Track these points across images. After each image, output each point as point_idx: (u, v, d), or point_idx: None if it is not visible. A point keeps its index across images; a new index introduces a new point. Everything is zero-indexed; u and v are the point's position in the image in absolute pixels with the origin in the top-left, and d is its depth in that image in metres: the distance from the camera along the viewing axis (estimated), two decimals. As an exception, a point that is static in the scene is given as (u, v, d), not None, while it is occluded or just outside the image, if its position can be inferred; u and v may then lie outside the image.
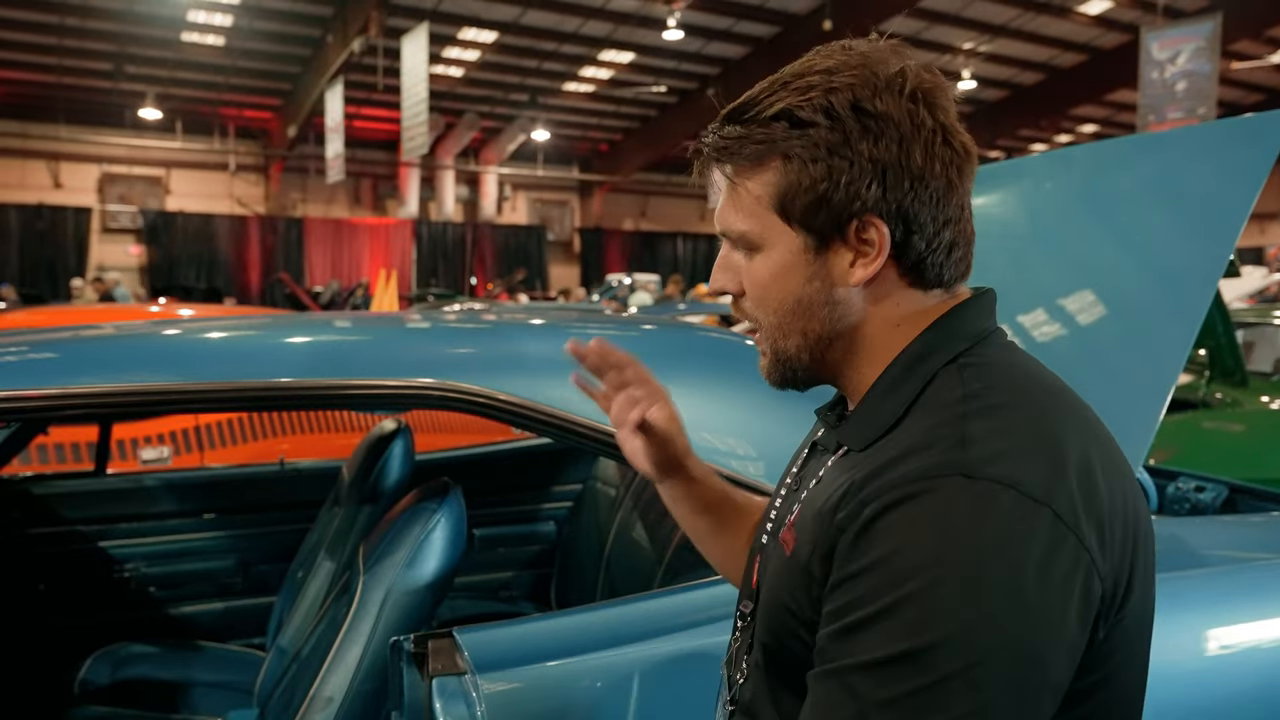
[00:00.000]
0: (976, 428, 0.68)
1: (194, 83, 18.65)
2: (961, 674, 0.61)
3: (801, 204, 0.76)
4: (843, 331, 0.79)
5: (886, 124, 0.74)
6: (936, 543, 0.63)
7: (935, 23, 17.19)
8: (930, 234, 0.75)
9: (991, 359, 0.76)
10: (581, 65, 19.19)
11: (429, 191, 22.88)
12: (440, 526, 1.46)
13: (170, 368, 1.24)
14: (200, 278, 19.99)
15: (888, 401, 0.77)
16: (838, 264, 0.77)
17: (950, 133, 0.76)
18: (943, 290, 0.78)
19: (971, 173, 0.77)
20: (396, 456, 2.08)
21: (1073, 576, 0.65)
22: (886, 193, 0.74)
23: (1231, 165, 1.78)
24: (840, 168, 0.74)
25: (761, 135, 0.76)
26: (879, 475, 0.69)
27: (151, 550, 2.40)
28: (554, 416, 1.33)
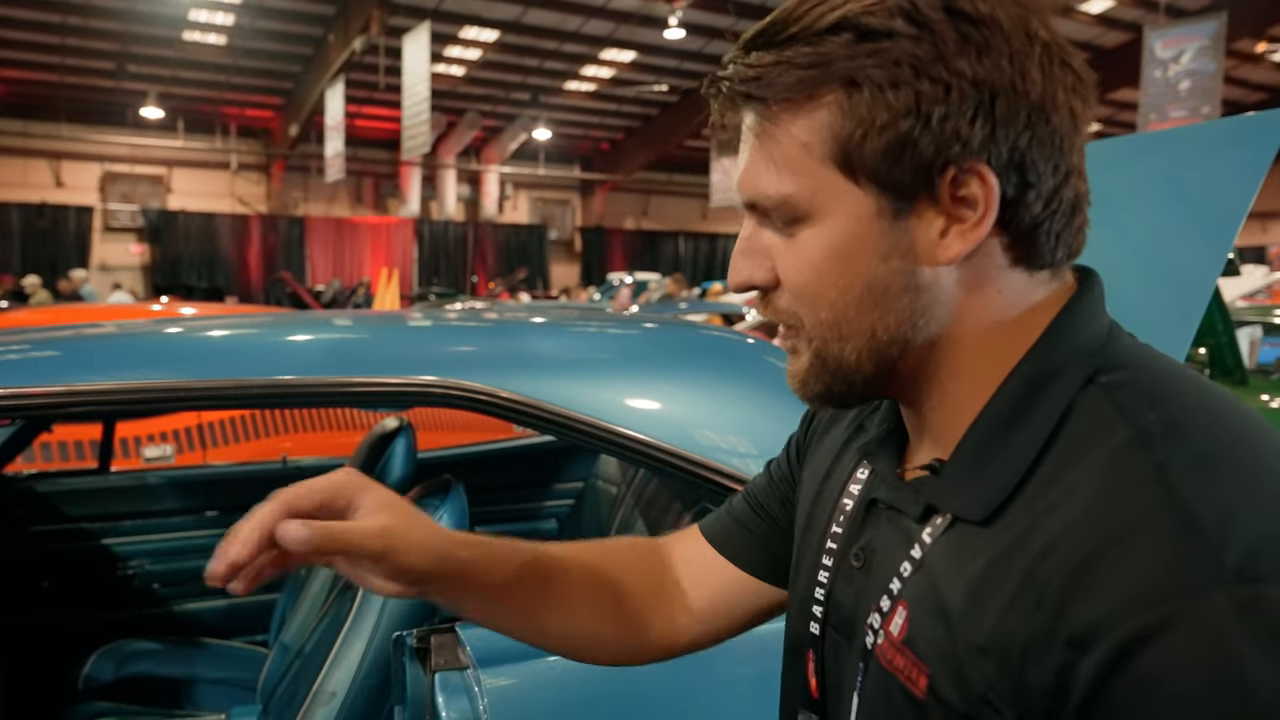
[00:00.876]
0: (1195, 496, 0.46)
1: (196, 82, 18.68)
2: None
3: (875, 149, 0.54)
4: (923, 330, 0.58)
5: (994, 33, 0.53)
6: (1219, 704, 0.43)
7: (937, 21, 17.21)
8: (1049, 189, 0.55)
9: (1144, 373, 0.55)
10: (583, 64, 19.20)
11: (430, 190, 22.91)
12: (443, 522, 1.47)
13: (176, 366, 1.25)
14: (202, 277, 20.01)
15: (1005, 447, 0.55)
16: (923, 234, 0.56)
17: (1066, 53, 0.56)
18: (1050, 273, 0.58)
19: (1094, 107, 0.57)
20: (399, 454, 2.08)
21: None
22: (996, 129, 0.53)
23: (1230, 164, 1.78)
24: (933, 95, 0.52)
25: (811, 57, 0.54)
26: (1076, 593, 0.47)
27: (155, 548, 2.41)
28: (554, 413, 1.33)
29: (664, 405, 1.46)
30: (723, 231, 27.47)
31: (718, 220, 27.08)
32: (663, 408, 1.46)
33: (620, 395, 1.44)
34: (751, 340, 1.89)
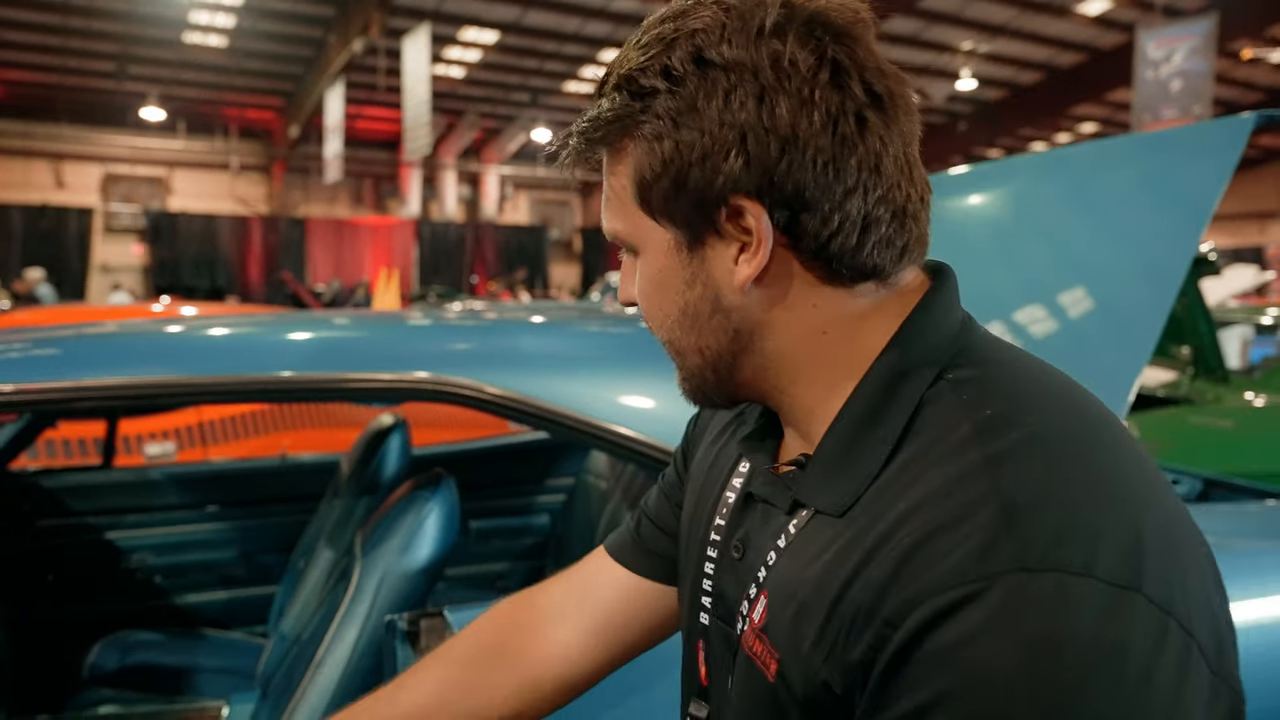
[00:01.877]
0: (1016, 487, 0.51)
1: (196, 83, 18.75)
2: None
3: (659, 192, 0.60)
4: (749, 344, 0.63)
5: (740, 74, 0.57)
6: (1015, 678, 0.46)
7: (934, 23, 17.25)
8: (826, 210, 0.57)
9: (990, 369, 0.59)
10: (582, 65, 19.26)
11: (430, 191, 22.98)
12: (434, 514, 1.53)
13: (176, 362, 1.31)
14: (203, 277, 20.06)
15: (862, 446, 0.59)
16: (718, 263, 0.61)
17: (845, 72, 0.57)
18: (877, 283, 0.61)
19: (895, 119, 0.59)
20: (394, 450, 2.15)
21: (1188, 674, 0.49)
22: (750, 163, 0.57)
23: (1197, 168, 1.85)
24: (690, 141, 0.57)
25: (610, 113, 0.61)
26: (900, 576, 0.51)
27: (157, 541, 2.47)
28: (541, 409, 1.39)
29: (657, 402, 1.51)
30: (722, 232, 27.50)
31: (717, 221, 27.14)
32: (655, 405, 1.51)
33: (612, 392, 1.50)
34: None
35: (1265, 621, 1.52)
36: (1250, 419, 3.72)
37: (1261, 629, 1.51)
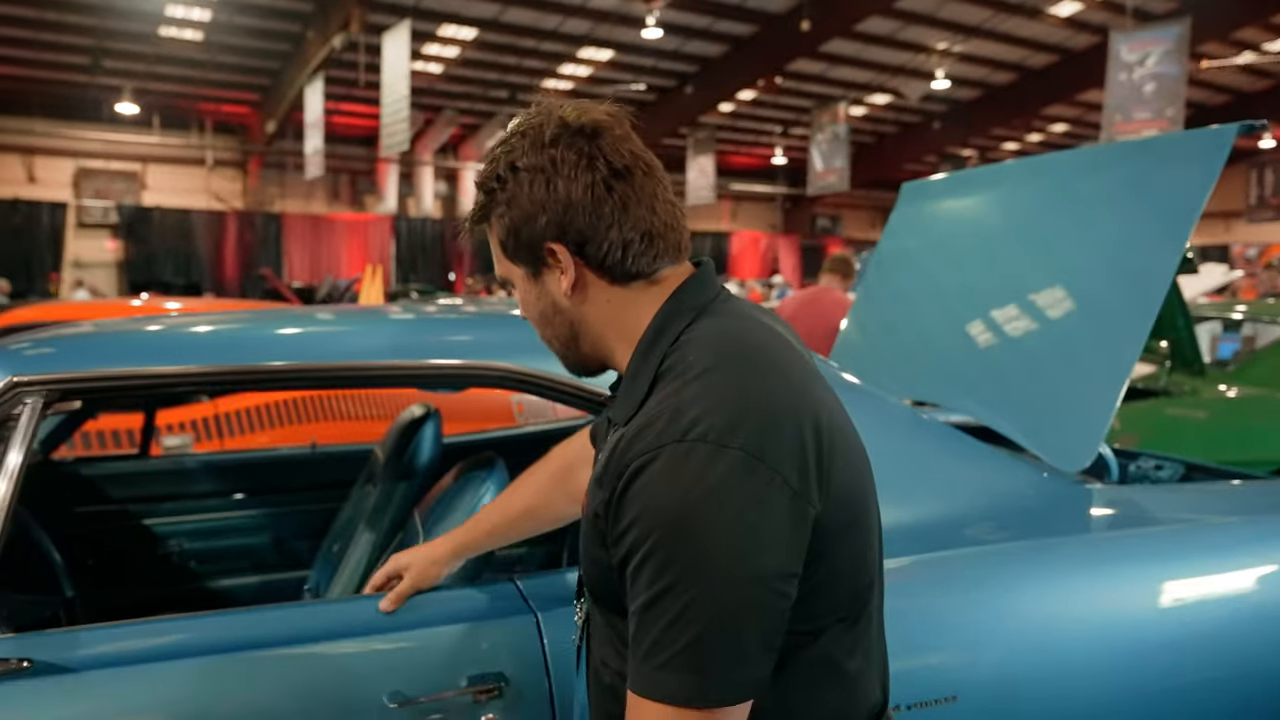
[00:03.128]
0: (686, 397, 0.87)
1: (172, 77, 18.59)
2: (697, 601, 0.81)
3: (511, 246, 0.98)
4: (580, 331, 1.00)
5: (534, 173, 0.94)
6: (663, 501, 0.83)
7: (910, 23, 17.47)
8: (600, 240, 0.94)
9: (700, 332, 0.94)
10: (561, 63, 19.32)
11: (408, 187, 22.93)
12: (490, 492, 1.65)
13: (270, 351, 1.42)
14: (178, 273, 19.92)
15: (634, 384, 0.95)
16: (551, 283, 0.98)
17: (596, 157, 0.94)
18: (646, 280, 0.97)
19: (634, 178, 0.96)
20: (428, 438, 2.25)
21: (769, 496, 0.83)
22: (550, 221, 0.94)
23: (1183, 174, 1.99)
24: (518, 215, 0.95)
25: (480, 201, 0.99)
26: (628, 449, 0.87)
27: (192, 528, 2.56)
28: (593, 394, 1.52)
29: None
30: (699, 229, 27.67)
31: (694, 218, 27.27)
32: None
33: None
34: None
35: (1237, 588, 1.67)
36: (1224, 410, 3.91)
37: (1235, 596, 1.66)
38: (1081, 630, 1.50)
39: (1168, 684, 1.55)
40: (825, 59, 18.91)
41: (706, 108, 20.55)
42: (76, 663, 1.21)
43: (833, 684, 0.94)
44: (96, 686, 1.21)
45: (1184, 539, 1.73)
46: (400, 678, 1.26)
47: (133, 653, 1.25)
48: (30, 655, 1.21)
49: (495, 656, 1.31)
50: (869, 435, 1.69)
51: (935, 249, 2.61)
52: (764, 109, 22.81)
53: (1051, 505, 1.72)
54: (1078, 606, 1.53)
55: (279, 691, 1.25)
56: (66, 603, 2.08)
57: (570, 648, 1.34)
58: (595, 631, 1.02)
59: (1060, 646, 1.49)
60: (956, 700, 1.43)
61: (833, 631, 0.93)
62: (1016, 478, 1.74)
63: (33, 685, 1.19)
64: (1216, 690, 1.59)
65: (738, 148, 25.71)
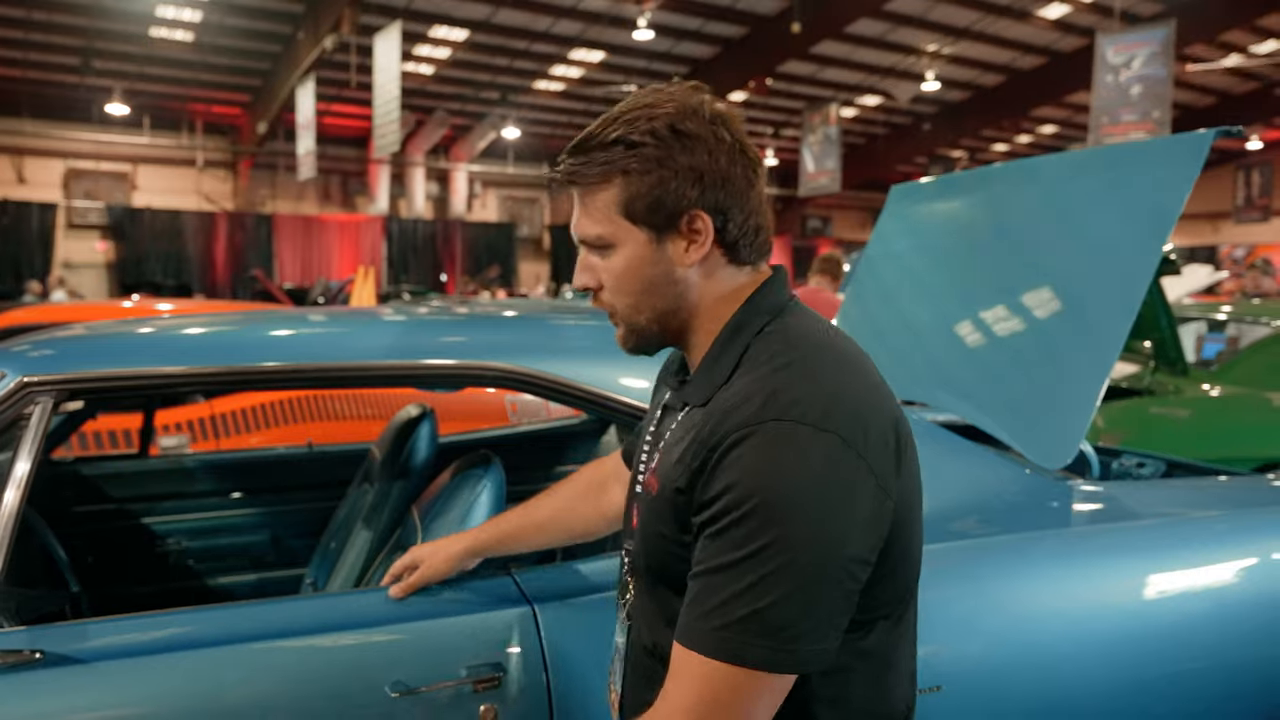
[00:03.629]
0: (780, 381, 0.92)
1: (162, 78, 18.57)
2: (782, 569, 0.85)
3: (642, 206, 0.98)
4: (682, 304, 1.02)
5: (697, 140, 0.97)
6: (762, 471, 0.87)
7: (900, 25, 17.56)
8: (740, 220, 0.99)
9: (787, 327, 0.99)
10: (552, 64, 19.35)
11: (399, 188, 22.92)
12: (486, 490, 1.69)
13: (271, 352, 1.46)
14: (168, 274, 19.88)
15: (717, 366, 0.99)
16: (675, 250, 1.00)
17: (744, 146, 1.00)
18: (751, 268, 1.03)
19: (762, 175, 1.02)
20: (423, 438, 2.29)
21: (856, 480, 0.89)
22: (705, 191, 0.97)
23: (1162, 178, 2.03)
24: (668, 176, 0.96)
25: (604, 158, 0.98)
26: (721, 424, 0.92)
27: (190, 526, 2.59)
28: (590, 393, 1.56)
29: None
30: (690, 230, 27.71)
31: (685, 219, 27.33)
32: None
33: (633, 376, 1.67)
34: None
35: (1216, 581, 1.72)
36: (1207, 409, 3.97)
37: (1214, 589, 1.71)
38: (1062, 622, 1.55)
39: (1148, 675, 1.59)
40: (815, 60, 18.99)
41: (697, 109, 20.60)
42: (86, 654, 1.25)
43: (879, 676, 0.98)
44: (106, 677, 1.24)
45: (1163, 533, 1.77)
46: (400, 668, 1.30)
47: (140, 644, 1.28)
48: (41, 647, 1.24)
49: (493, 648, 1.34)
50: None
51: (923, 251, 2.65)
52: (755, 110, 22.87)
53: (1033, 501, 1.77)
54: (1058, 599, 1.57)
55: (283, 681, 1.28)
56: (72, 598, 2.11)
57: (567, 638, 1.38)
58: (644, 617, 1.05)
59: (1042, 638, 1.53)
60: (941, 690, 1.47)
61: (883, 625, 0.97)
62: (1000, 474, 1.79)
63: (45, 675, 1.22)
64: (1196, 682, 1.64)
65: (729, 149, 25.74)
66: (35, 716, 1.21)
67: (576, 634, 1.38)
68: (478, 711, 1.30)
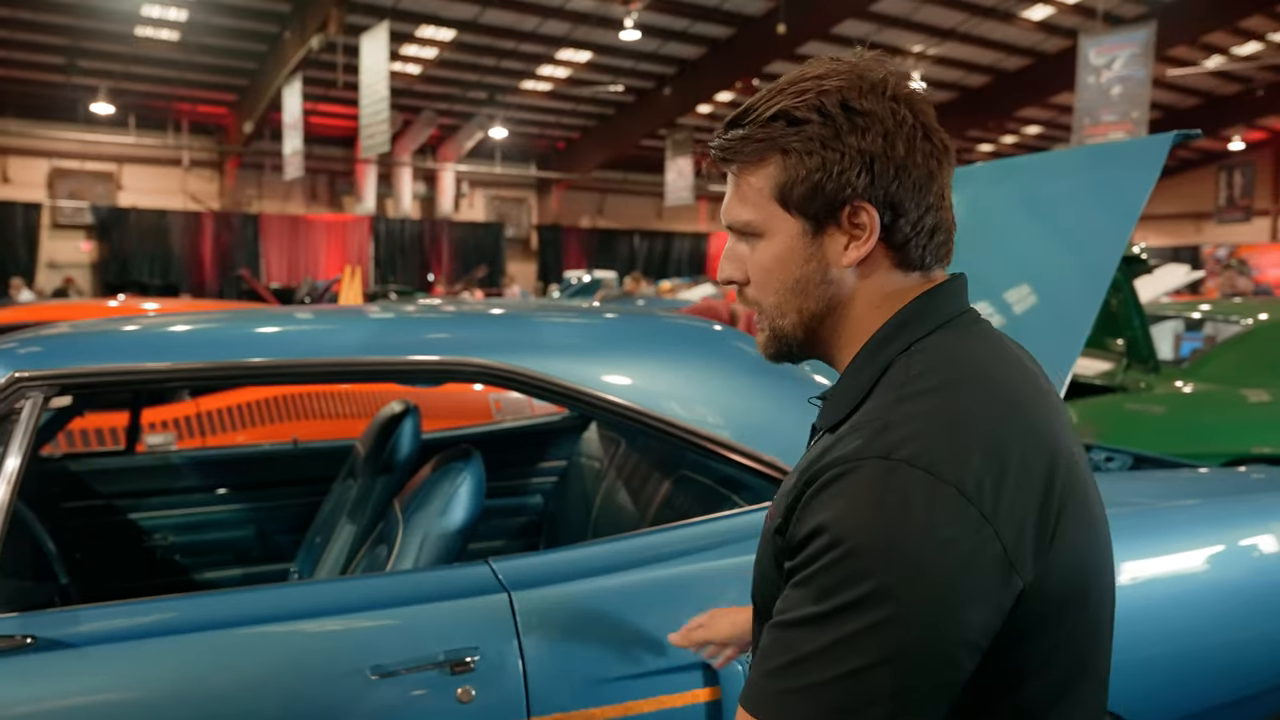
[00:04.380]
0: (901, 413, 0.77)
1: (148, 77, 18.50)
2: (858, 637, 0.71)
3: (799, 192, 0.83)
4: (834, 309, 0.87)
5: (873, 120, 0.82)
6: (854, 518, 0.73)
7: (886, 26, 17.66)
8: (914, 218, 0.83)
9: (938, 346, 0.83)
10: (539, 64, 19.37)
11: (386, 188, 22.91)
12: (466, 483, 1.74)
13: (257, 348, 1.51)
14: (154, 274, 19.82)
15: (852, 387, 0.85)
16: (833, 246, 0.85)
17: (930, 130, 0.84)
18: (921, 274, 0.87)
19: (950, 166, 0.86)
20: (406, 434, 2.34)
21: (975, 548, 0.72)
22: (875, 180, 0.82)
23: (1126, 178, 2.10)
24: (832, 159, 0.82)
25: (761, 134, 0.84)
26: (825, 453, 0.79)
27: (176, 522, 2.63)
28: (568, 388, 1.61)
29: (657, 383, 1.73)
30: (677, 230, 27.79)
31: (672, 219, 27.38)
32: (657, 385, 1.73)
33: (616, 372, 1.72)
34: (719, 327, 2.17)
35: (1181, 568, 1.78)
36: (1178, 405, 4.05)
37: (1179, 575, 1.78)
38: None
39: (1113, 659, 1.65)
40: (802, 61, 19.03)
41: (684, 109, 20.66)
42: (77, 639, 1.30)
43: None
44: (96, 661, 1.29)
45: (1128, 522, 1.83)
46: (381, 652, 1.35)
47: (130, 629, 1.33)
48: (33, 633, 1.29)
49: (470, 632, 1.40)
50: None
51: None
52: (742, 111, 22.94)
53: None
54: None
55: (267, 665, 1.33)
56: (61, 590, 2.15)
57: (542, 624, 1.44)
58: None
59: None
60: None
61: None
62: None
63: (36, 660, 1.27)
64: (1153, 668, 1.70)
65: (716, 149, 25.83)
66: (26, 700, 1.25)
67: (551, 620, 1.43)
68: (455, 693, 1.35)
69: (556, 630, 1.43)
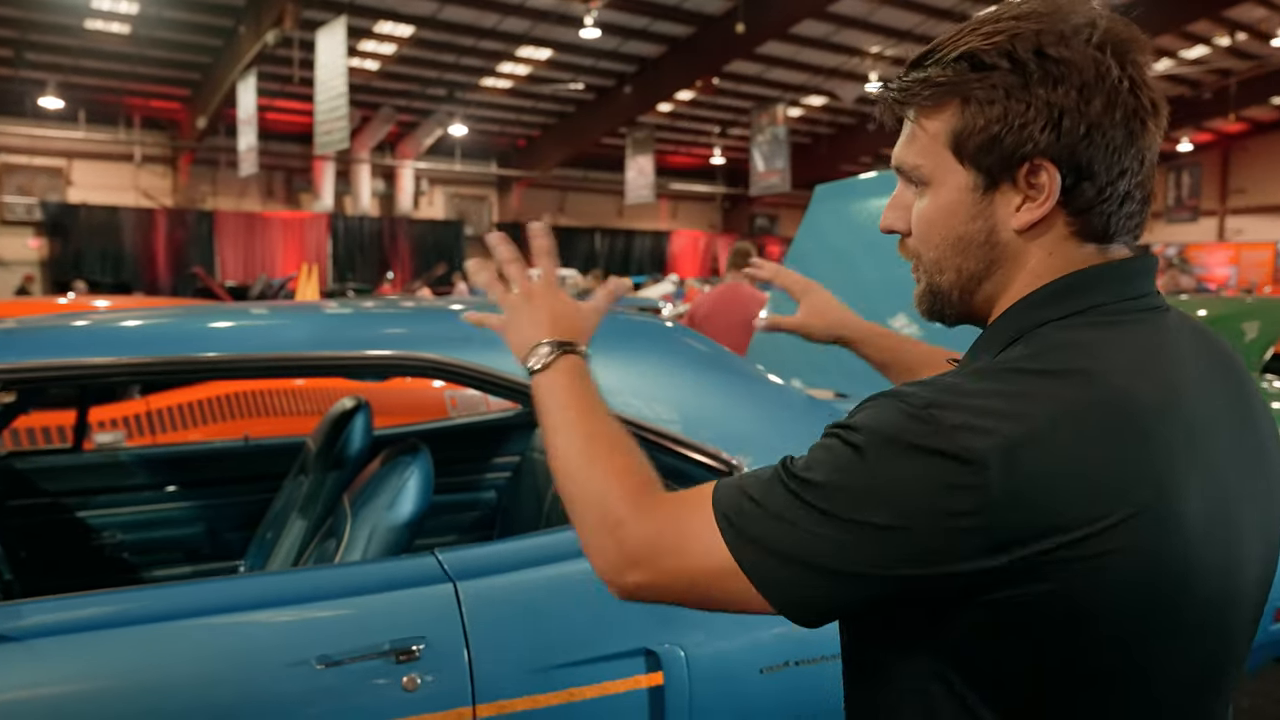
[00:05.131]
0: (971, 385, 0.72)
1: (98, 71, 18.16)
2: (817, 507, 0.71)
3: (975, 143, 0.77)
4: (994, 273, 0.80)
5: (1069, 70, 0.74)
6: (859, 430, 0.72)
7: (845, 27, 17.85)
8: (1103, 183, 0.75)
9: (1061, 334, 0.75)
10: (500, 61, 19.31)
11: (344, 185, 22.69)
12: (414, 477, 1.76)
13: (202, 343, 1.52)
14: (106, 271, 19.46)
15: (974, 348, 0.82)
16: (1004, 206, 0.78)
17: (1138, 85, 0.75)
18: (1100, 246, 0.78)
19: (1159, 128, 0.77)
20: (358, 430, 2.35)
21: (945, 493, 0.68)
22: (1061, 137, 0.74)
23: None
24: (1016, 110, 0.74)
25: (942, 78, 0.78)
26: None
27: (125, 520, 2.61)
28: (512, 381, 1.64)
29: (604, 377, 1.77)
30: (638, 228, 27.84)
31: (633, 217, 27.44)
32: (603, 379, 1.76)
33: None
34: (671, 324, 2.21)
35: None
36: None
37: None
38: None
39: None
40: (762, 60, 19.20)
41: (645, 107, 20.72)
42: (22, 632, 1.30)
43: None
44: (41, 654, 1.29)
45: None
46: (327, 642, 1.37)
47: (75, 622, 1.33)
48: (-26, 627, 1.29)
49: (415, 622, 1.42)
50: (768, 421, 1.84)
51: (845, 248, 2.77)
52: (702, 109, 23.05)
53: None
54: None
55: (213, 656, 1.34)
56: (5, 586, 2.14)
57: (487, 613, 1.46)
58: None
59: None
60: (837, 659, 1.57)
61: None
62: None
63: (-22, 653, 1.27)
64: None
65: (677, 147, 25.94)
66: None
67: (496, 609, 1.46)
68: (401, 681, 1.38)
69: (501, 619, 1.46)
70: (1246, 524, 0.76)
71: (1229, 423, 0.78)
